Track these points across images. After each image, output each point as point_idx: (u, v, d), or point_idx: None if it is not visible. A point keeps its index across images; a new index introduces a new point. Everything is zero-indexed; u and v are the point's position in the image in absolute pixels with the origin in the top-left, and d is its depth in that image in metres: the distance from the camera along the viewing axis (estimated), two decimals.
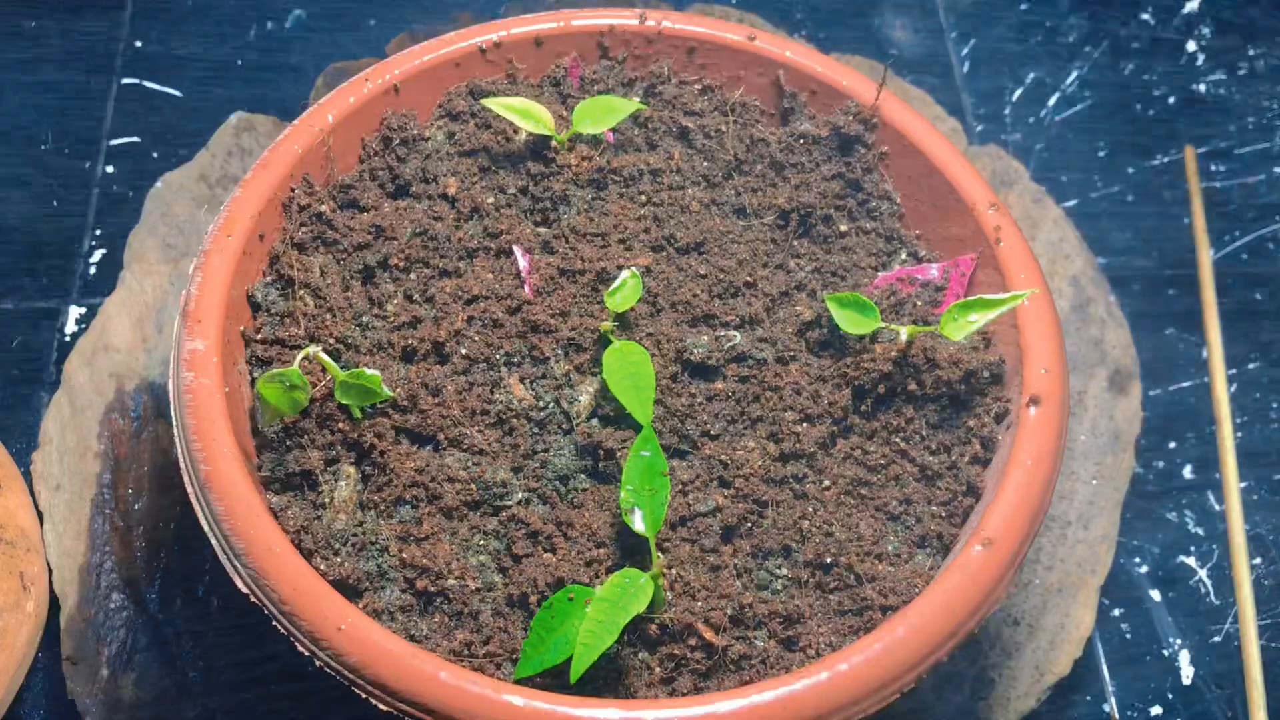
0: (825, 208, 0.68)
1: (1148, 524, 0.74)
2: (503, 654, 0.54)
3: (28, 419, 0.75)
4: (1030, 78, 0.94)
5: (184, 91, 0.90)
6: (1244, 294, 0.84)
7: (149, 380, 0.73)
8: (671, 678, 0.54)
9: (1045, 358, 0.60)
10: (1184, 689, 0.69)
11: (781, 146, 0.70)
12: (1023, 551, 0.55)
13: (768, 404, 0.61)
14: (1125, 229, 0.87)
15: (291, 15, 0.95)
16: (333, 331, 0.61)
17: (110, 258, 0.82)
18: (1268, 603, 0.71)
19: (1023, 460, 0.57)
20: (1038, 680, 0.66)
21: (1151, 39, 0.97)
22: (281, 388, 0.56)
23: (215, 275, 0.60)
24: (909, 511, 0.59)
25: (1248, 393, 0.79)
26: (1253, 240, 0.86)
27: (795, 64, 0.72)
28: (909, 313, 0.64)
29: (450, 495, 0.57)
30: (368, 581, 0.56)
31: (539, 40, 0.72)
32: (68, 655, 0.64)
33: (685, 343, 0.61)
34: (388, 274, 0.64)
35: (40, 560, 0.66)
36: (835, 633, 0.55)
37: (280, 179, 0.64)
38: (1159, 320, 0.82)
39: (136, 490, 0.69)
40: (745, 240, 0.66)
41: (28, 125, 0.87)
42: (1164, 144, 0.91)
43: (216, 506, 0.54)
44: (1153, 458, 0.77)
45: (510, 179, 0.67)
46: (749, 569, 0.57)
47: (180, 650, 0.65)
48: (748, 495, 0.58)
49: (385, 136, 0.69)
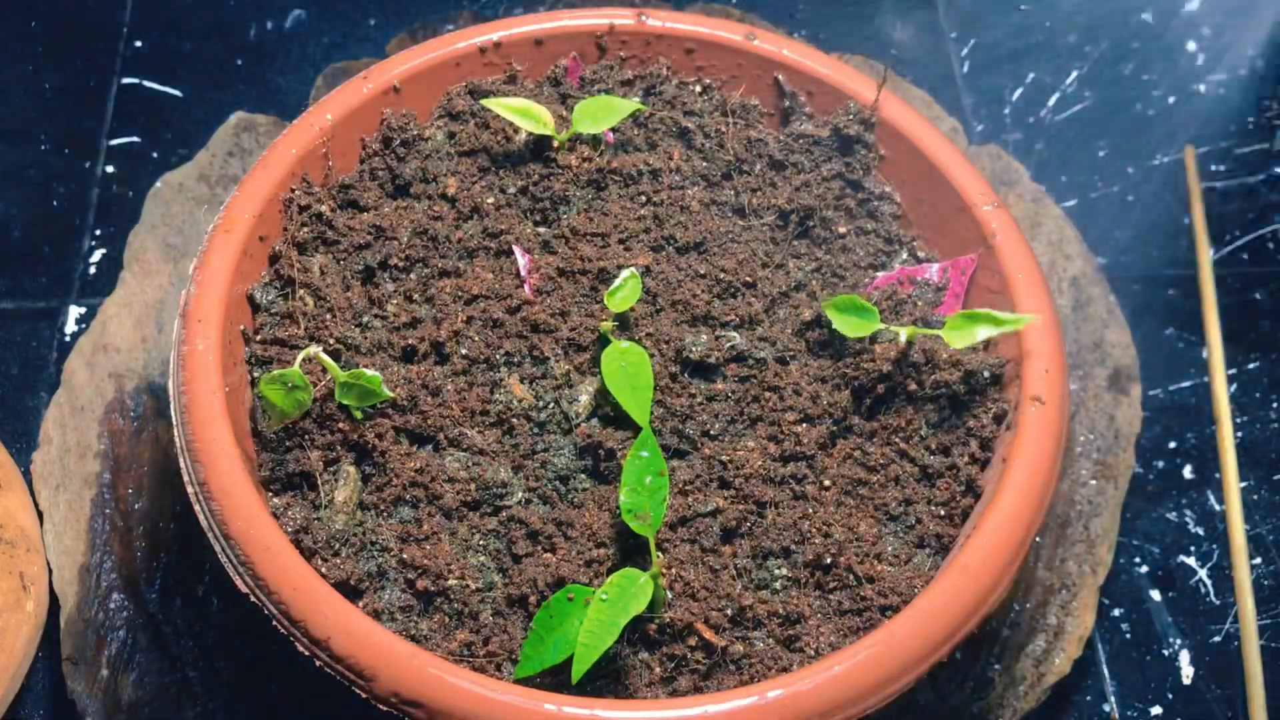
0: (825, 208, 0.68)
1: (1148, 524, 0.74)
2: (503, 654, 0.54)
3: (28, 419, 0.75)
4: (1030, 78, 0.94)
5: (184, 91, 0.90)
6: (1244, 294, 0.84)
7: (149, 380, 0.73)
8: (671, 678, 0.54)
9: (1046, 358, 0.60)
10: (1184, 689, 0.69)
11: (781, 146, 0.70)
12: (1022, 552, 0.55)
13: (767, 404, 0.61)
14: (1125, 229, 0.87)
15: (291, 15, 0.95)
16: (333, 332, 0.61)
17: (110, 258, 0.82)
18: (1268, 603, 0.71)
19: (1023, 460, 0.57)
20: (1038, 680, 0.66)
21: (1151, 39, 0.97)
22: (283, 389, 0.56)
23: (215, 275, 0.60)
24: (909, 512, 0.59)
25: (1248, 393, 0.79)
26: (1253, 240, 0.86)
27: (795, 64, 0.72)
28: (909, 313, 0.64)
29: (450, 495, 0.57)
30: (368, 582, 0.56)
31: (539, 40, 0.72)
32: (68, 655, 0.64)
33: (685, 343, 0.61)
34: (388, 274, 0.64)
35: (40, 560, 0.66)
36: (835, 633, 0.55)
37: (280, 179, 0.64)
38: (1159, 320, 0.82)
39: (136, 490, 0.69)
40: (745, 240, 0.66)
41: (28, 125, 0.87)
42: (1164, 144, 0.91)
43: (216, 507, 0.54)
44: (1153, 458, 0.77)
45: (510, 179, 0.67)
46: (749, 569, 0.57)
47: (180, 650, 0.65)
48: (747, 495, 0.58)
49: (385, 136, 0.69)
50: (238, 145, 0.83)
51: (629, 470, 0.54)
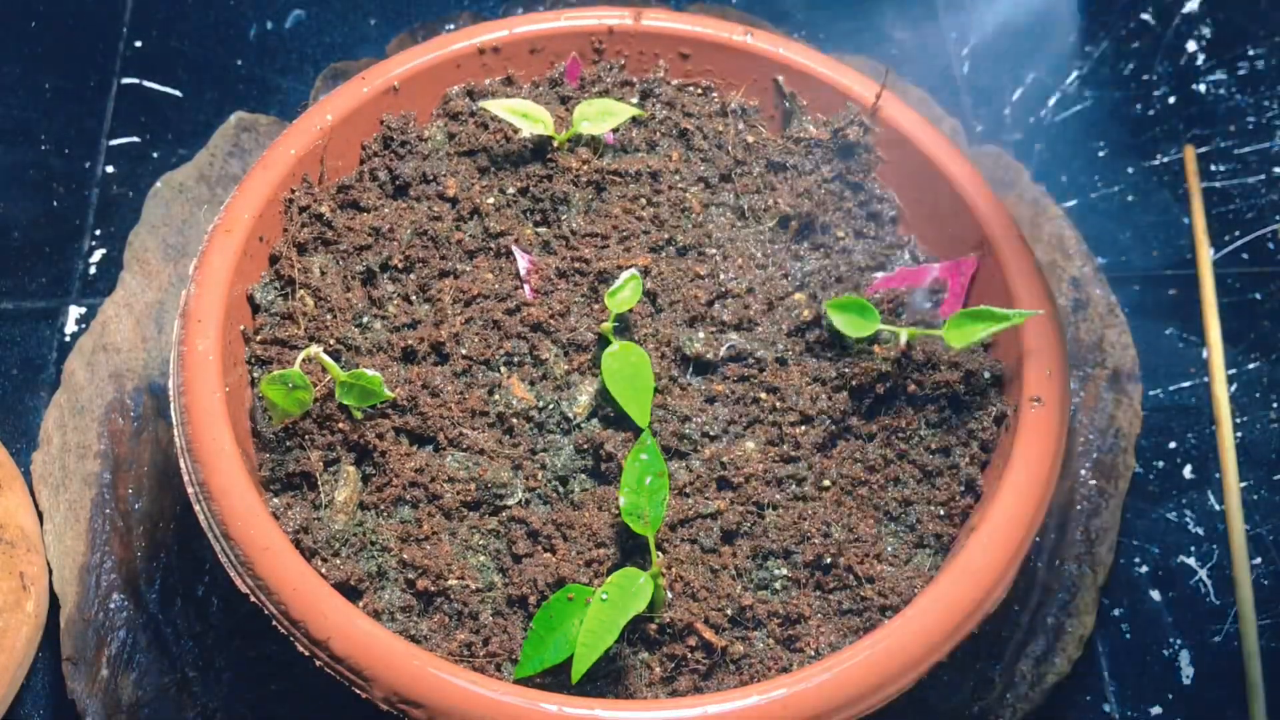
0: (825, 209, 0.68)
1: (1148, 524, 0.74)
2: (503, 654, 0.54)
3: (28, 419, 0.75)
4: (1030, 78, 0.94)
5: (184, 91, 0.90)
6: (1244, 294, 0.84)
7: (149, 380, 0.73)
8: (671, 678, 0.54)
9: (1045, 358, 0.60)
10: (1184, 689, 0.69)
11: (781, 147, 0.70)
12: (1022, 552, 0.55)
13: (767, 405, 0.61)
14: (1125, 229, 0.87)
15: (291, 15, 0.95)
16: (333, 332, 0.61)
17: (110, 258, 0.82)
18: (1268, 603, 0.71)
19: (1023, 461, 0.57)
20: (1038, 680, 0.66)
21: (1151, 39, 0.97)
22: (285, 388, 0.56)
23: (215, 275, 0.60)
24: (909, 512, 0.59)
25: (1248, 393, 0.79)
26: (1253, 240, 0.86)
27: (795, 64, 0.72)
28: (909, 314, 0.64)
29: (450, 495, 0.57)
30: (368, 582, 0.56)
31: (538, 40, 0.72)
32: (68, 655, 0.64)
33: (685, 344, 0.61)
34: (388, 275, 0.64)
35: (40, 560, 0.66)
36: (835, 633, 0.55)
37: (280, 179, 0.64)
38: (1159, 320, 0.82)
39: (136, 490, 0.69)
40: (745, 241, 0.66)
41: (28, 125, 0.87)
42: (1164, 144, 0.91)
43: (216, 507, 0.54)
44: (1153, 458, 0.77)
45: (510, 179, 0.67)
46: (749, 569, 0.57)
47: (180, 650, 0.65)
48: (747, 496, 0.58)
49: (385, 137, 0.69)
50: (238, 145, 0.83)
51: (629, 471, 0.54)
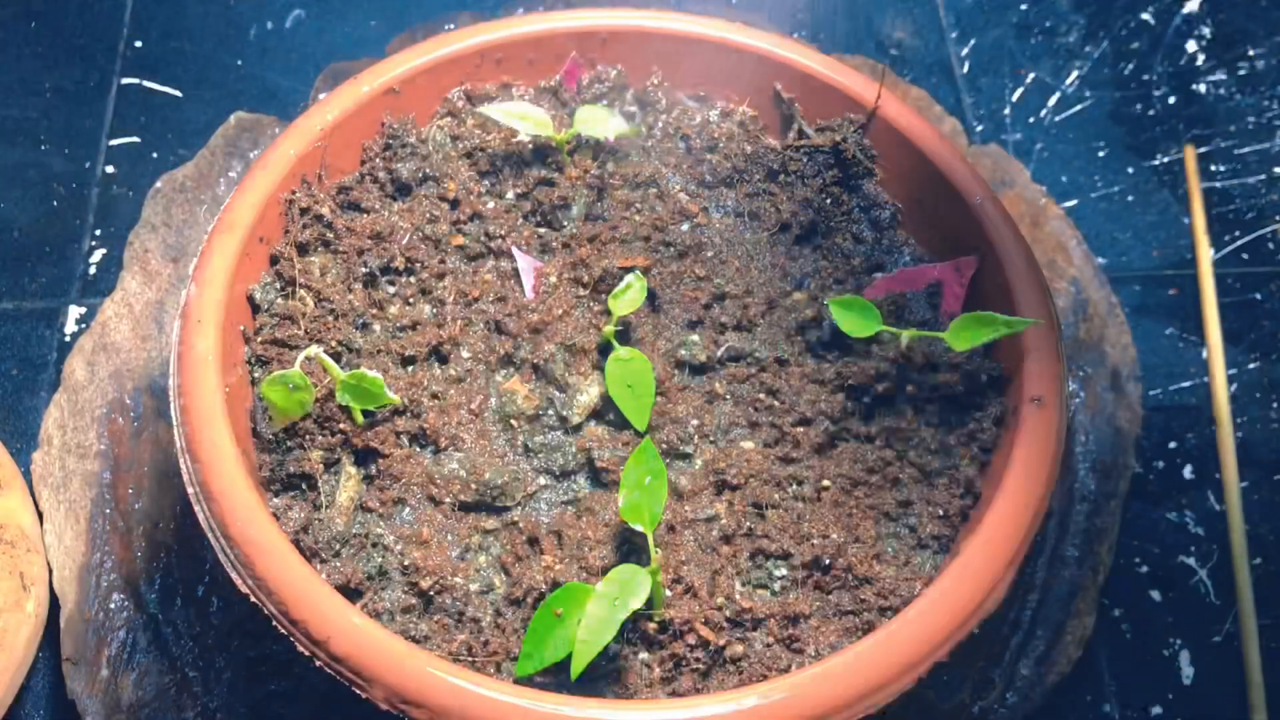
0: (824, 210, 0.68)
1: (1148, 524, 0.74)
2: (503, 654, 0.54)
3: (28, 419, 0.75)
4: (1030, 78, 0.94)
5: (184, 91, 0.90)
6: (1244, 294, 0.84)
7: (149, 380, 0.73)
8: (671, 678, 0.54)
9: (1045, 358, 0.60)
10: (1184, 689, 0.69)
11: (780, 149, 0.70)
12: (1022, 552, 0.55)
13: (767, 406, 0.61)
14: (1125, 229, 0.87)
15: (291, 15, 0.95)
16: (333, 333, 0.61)
17: (110, 258, 0.82)
18: (1268, 603, 0.71)
19: (1022, 461, 0.57)
20: (1038, 680, 0.66)
21: (1151, 39, 0.97)
22: (286, 389, 0.56)
23: (215, 275, 0.60)
24: (908, 512, 0.59)
25: (1248, 393, 0.79)
26: (1253, 240, 0.86)
27: (795, 64, 0.72)
28: (909, 315, 0.64)
29: (450, 497, 0.57)
30: (368, 582, 0.56)
31: (538, 41, 0.72)
32: (68, 655, 0.64)
33: (685, 345, 0.61)
34: (388, 276, 0.64)
35: (40, 560, 0.66)
36: (835, 633, 0.55)
37: (279, 180, 0.64)
38: (1159, 320, 0.82)
39: (136, 490, 0.69)
40: (745, 243, 0.66)
41: (28, 125, 0.87)
42: (1164, 144, 0.91)
43: (216, 507, 0.54)
44: (1153, 458, 0.77)
45: (511, 182, 0.67)
46: (748, 569, 0.57)
47: (180, 650, 0.65)
48: (747, 497, 0.58)
49: (385, 138, 0.69)
50: (238, 145, 0.83)
51: (629, 472, 0.54)
